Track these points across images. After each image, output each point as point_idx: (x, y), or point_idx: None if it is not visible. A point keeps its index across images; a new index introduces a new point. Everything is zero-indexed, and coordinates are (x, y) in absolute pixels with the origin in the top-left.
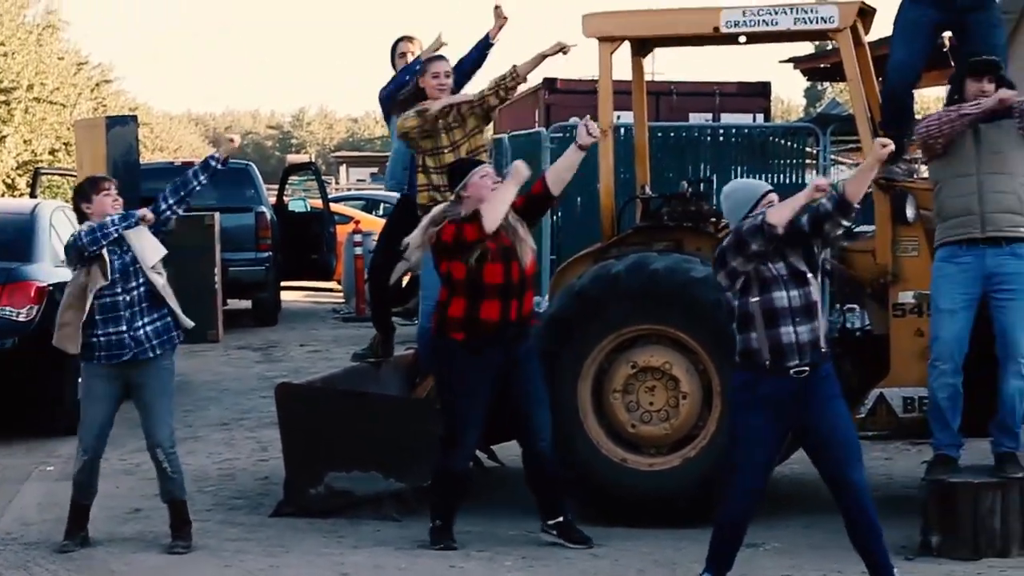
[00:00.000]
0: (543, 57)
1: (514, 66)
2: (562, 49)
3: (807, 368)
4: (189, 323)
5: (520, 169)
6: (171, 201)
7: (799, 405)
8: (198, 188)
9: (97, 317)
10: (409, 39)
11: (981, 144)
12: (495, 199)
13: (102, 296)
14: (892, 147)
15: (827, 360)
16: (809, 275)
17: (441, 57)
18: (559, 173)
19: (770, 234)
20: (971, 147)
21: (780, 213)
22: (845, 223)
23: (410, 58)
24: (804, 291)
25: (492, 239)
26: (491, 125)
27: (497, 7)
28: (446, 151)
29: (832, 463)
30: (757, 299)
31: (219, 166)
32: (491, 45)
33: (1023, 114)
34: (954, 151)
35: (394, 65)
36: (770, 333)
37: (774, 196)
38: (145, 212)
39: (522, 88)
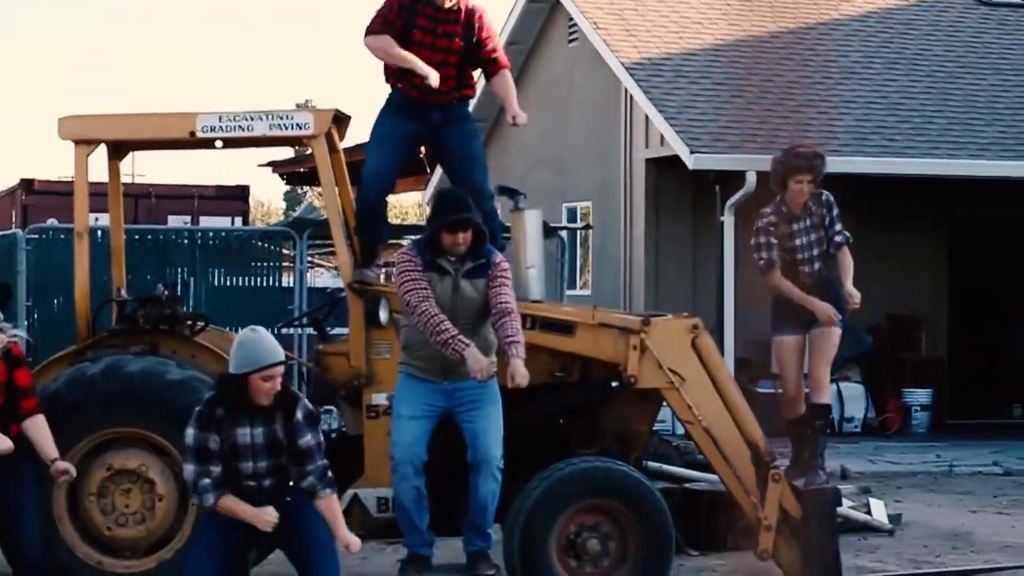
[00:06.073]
0: None
1: None
2: None
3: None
4: None
5: None
6: None
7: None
8: None
9: None
10: None
11: (458, 297)
12: None
13: None
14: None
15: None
16: (283, 437)
17: None
18: None
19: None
20: (449, 300)
21: None
22: None
23: None
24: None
25: None
26: None
27: None
28: None
29: (306, 561)
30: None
31: None
32: None
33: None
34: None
35: None
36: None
37: (279, 370)
38: None
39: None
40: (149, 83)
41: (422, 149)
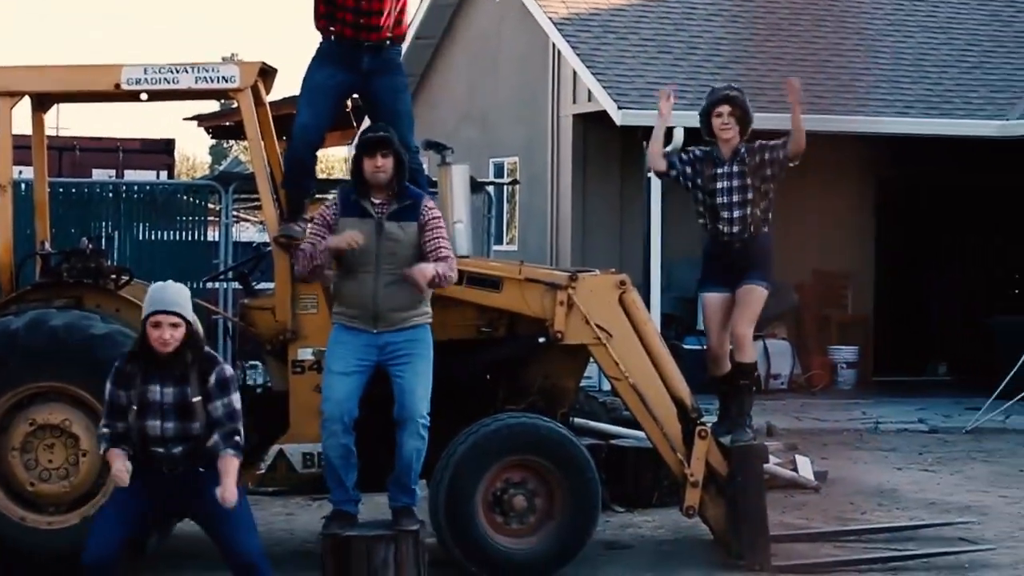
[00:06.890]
0: None
1: None
2: None
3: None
4: None
5: None
6: None
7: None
8: None
9: None
10: None
11: (381, 242)
12: None
13: None
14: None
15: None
16: (195, 399)
17: None
18: None
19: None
20: (373, 242)
21: None
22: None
23: None
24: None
25: None
26: None
27: None
28: None
29: (221, 534)
30: (135, 423)
31: None
32: None
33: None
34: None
35: None
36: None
37: (165, 318)
38: None
39: None
40: None
41: (348, 104)
